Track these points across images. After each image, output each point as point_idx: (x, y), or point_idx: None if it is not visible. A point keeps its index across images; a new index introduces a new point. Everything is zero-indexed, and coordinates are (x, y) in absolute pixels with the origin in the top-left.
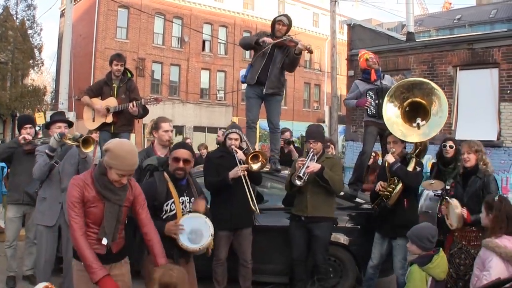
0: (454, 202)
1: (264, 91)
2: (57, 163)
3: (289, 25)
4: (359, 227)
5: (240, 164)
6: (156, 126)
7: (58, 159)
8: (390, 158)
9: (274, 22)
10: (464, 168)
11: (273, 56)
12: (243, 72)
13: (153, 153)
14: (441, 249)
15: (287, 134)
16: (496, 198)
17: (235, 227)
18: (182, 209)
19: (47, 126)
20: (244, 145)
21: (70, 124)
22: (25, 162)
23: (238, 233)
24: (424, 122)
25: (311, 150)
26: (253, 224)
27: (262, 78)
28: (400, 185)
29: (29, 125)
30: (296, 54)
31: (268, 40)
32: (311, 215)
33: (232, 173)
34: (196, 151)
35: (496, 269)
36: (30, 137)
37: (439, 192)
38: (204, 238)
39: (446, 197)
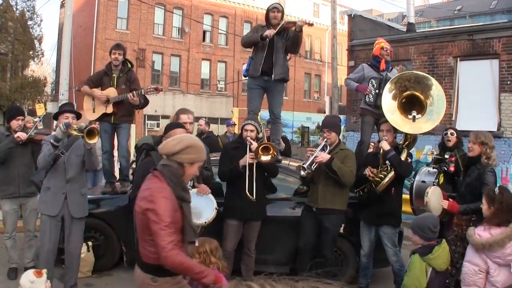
0: (437, 190)
1: (273, 77)
2: (63, 154)
3: (282, 11)
4: (357, 216)
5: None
6: (176, 117)
7: (65, 149)
8: (385, 146)
9: (268, 11)
10: (467, 157)
11: (273, 45)
12: (245, 66)
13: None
14: (444, 240)
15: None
16: (497, 189)
17: (246, 218)
18: None
19: (55, 116)
20: (261, 137)
21: (78, 115)
22: (18, 154)
23: (247, 224)
24: (419, 115)
25: (325, 140)
26: (264, 216)
27: (266, 68)
28: (392, 173)
29: (21, 117)
30: (298, 32)
31: (270, 32)
32: (322, 207)
33: (242, 161)
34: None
35: (468, 256)
36: (24, 137)
37: (437, 166)
38: (208, 212)
39: (445, 168)
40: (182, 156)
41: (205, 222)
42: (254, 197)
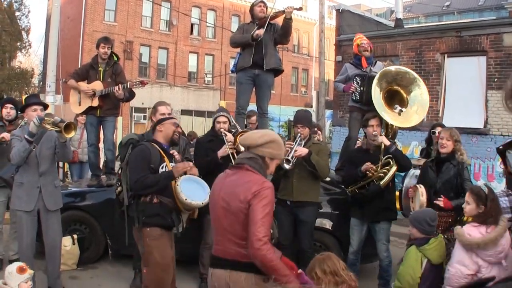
0: (421, 189)
1: (264, 67)
2: (34, 148)
3: (266, 6)
4: (344, 212)
5: (228, 143)
6: (154, 110)
7: (35, 142)
8: (386, 141)
9: (254, 6)
10: (438, 154)
11: (262, 38)
12: (233, 62)
13: (152, 138)
14: (440, 234)
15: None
16: (484, 187)
17: None
18: None
19: (21, 109)
20: (233, 129)
21: (45, 107)
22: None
23: None
24: (404, 108)
25: (299, 134)
26: None
27: (257, 59)
28: (394, 167)
29: (10, 105)
30: (288, 19)
31: (260, 31)
32: (297, 200)
33: (220, 152)
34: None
35: (456, 256)
36: (8, 137)
37: None
38: (203, 194)
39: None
40: (264, 150)
41: (202, 203)
42: None
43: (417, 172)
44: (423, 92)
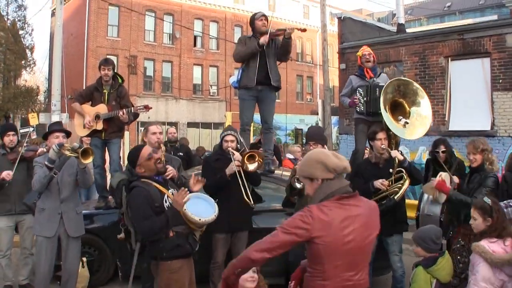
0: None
1: (272, 83)
2: (56, 174)
3: (267, 19)
4: None
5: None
6: (145, 131)
7: (57, 169)
8: (399, 155)
9: (255, 20)
10: (470, 167)
11: (264, 52)
12: (233, 78)
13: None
14: (446, 251)
15: None
16: (487, 200)
17: (233, 230)
18: None
19: (44, 136)
20: (241, 147)
21: (67, 134)
22: (13, 171)
23: (235, 235)
24: (408, 120)
25: None
26: (251, 227)
27: (261, 77)
28: (408, 181)
29: (12, 132)
30: (287, 39)
31: (265, 38)
32: None
33: (228, 169)
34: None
35: (482, 274)
36: (10, 177)
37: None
38: (212, 209)
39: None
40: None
41: (215, 215)
42: (253, 203)
43: (431, 196)
44: (426, 103)
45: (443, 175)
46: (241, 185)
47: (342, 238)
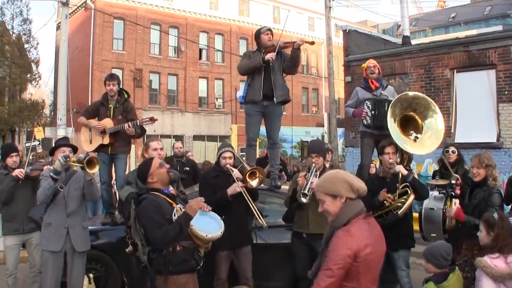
0: (456, 202)
1: (275, 100)
2: (62, 188)
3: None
4: None
5: (238, 181)
6: (145, 147)
7: (63, 183)
8: (403, 170)
9: (260, 34)
10: (472, 182)
11: (269, 67)
12: (239, 93)
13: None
14: (457, 267)
15: None
16: (496, 215)
17: (235, 246)
18: None
19: (51, 152)
20: (238, 164)
21: (74, 149)
22: (19, 189)
23: (237, 251)
24: (419, 135)
25: (313, 165)
26: (252, 242)
27: (266, 91)
28: (412, 196)
29: (15, 153)
30: (296, 50)
31: (272, 55)
32: (313, 232)
33: (230, 190)
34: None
35: None
36: (23, 174)
37: (444, 191)
38: (218, 225)
39: (452, 193)
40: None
41: (221, 232)
42: (265, 224)
43: (435, 193)
44: (439, 118)
45: (458, 203)
46: (251, 207)
47: (376, 254)
